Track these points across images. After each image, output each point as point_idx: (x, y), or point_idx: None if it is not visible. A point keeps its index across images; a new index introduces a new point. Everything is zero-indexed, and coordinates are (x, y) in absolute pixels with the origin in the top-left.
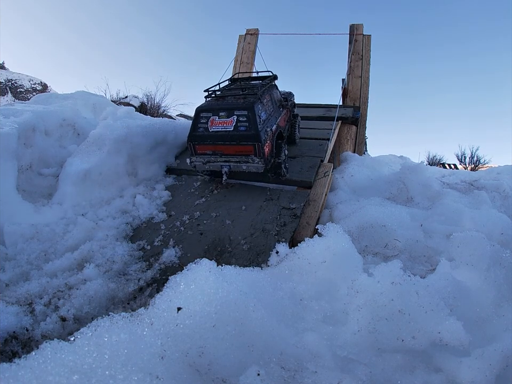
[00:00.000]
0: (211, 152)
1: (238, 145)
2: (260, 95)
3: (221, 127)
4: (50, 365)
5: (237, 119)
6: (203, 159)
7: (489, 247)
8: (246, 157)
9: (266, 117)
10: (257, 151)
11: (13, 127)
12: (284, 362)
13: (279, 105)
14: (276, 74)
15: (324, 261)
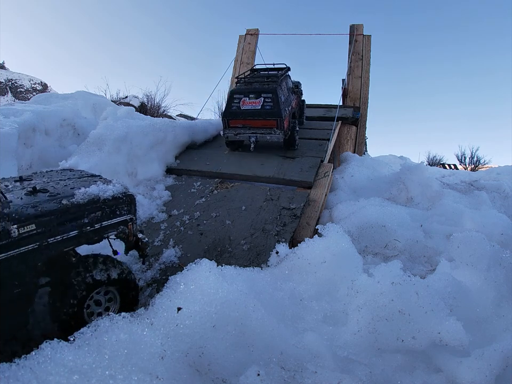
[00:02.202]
0: (241, 126)
1: (264, 120)
2: (279, 82)
3: (250, 106)
4: (50, 365)
5: (264, 100)
6: (234, 131)
7: (489, 248)
8: (269, 129)
9: (284, 99)
10: (278, 124)
11: (13, 126)
12: (283, 362)
13: (292, 91)
14: (289, 66)
15: (323, 261)
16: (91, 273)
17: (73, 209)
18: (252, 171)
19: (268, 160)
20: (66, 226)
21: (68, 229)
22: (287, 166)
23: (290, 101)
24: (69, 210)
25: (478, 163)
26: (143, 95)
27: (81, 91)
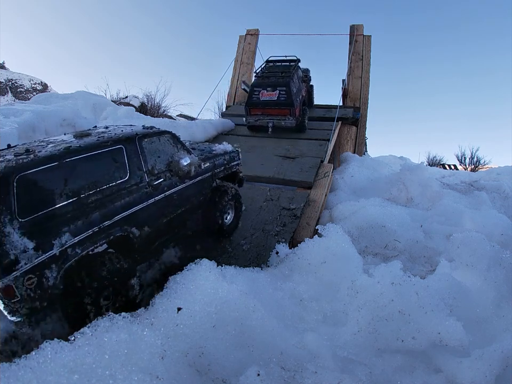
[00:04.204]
0: (260, 113)
1: (280, 109)
2: (291, 76)
3: (268, 97)
4: (50, 364)
5: (279, 92)
6: (255, 118)
7: (489, 248)
8: (284, 116)
9: (296, 90)
10: (291, 112)
11: (13, 126)
12: (284, 362)
13: (302, 81)
14: (299, 58)
15: (323, 262)
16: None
17: (217, 156)
18: (252, 171)
19: (268, 160)
20: (217, 165)
21: (219, 165)
22: (287, 166)
23: (301, 90)
24: (215, 155)
25: (478, 163)
26: (143, 95)
27: (81, 91)
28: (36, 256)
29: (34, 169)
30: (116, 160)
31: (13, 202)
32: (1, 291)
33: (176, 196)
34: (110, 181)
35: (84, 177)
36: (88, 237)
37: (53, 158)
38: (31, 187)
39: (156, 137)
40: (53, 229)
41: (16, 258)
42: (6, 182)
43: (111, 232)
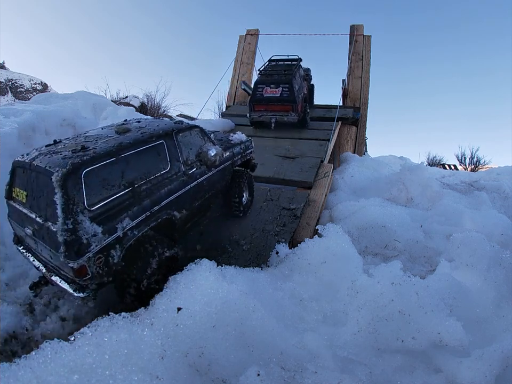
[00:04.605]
0: (264, 109)
1: (282, 105)
2: (294, 73)
3: (271, 94)
4: (50, 364)
5: (282, 89)
6: (258, 114)
7: (489, 248)
8: (286, 112)
9: (298, 87)
10: (294, 108)
11: (13, 126)
12: (284, 362)
13: (303, 79)
14: (301, 58)
15: (323, 262)
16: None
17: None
18: None
19: (268, 160)
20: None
21: (237, 153)
22: (287, 166)
23: (303, 88)
24: (234, 145)
25: (478, 163)
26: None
27: (81, 91)
28: (104, 238)
29: (97, 165)
30: (159, 153)
31: (82, 194)
32: (75, 271)
33: (205, 183)
34: (156, 172)
35: (136, 169)
36: (142, 220)
37: (110, 154)
38: (95, 180)
39: (188, 132)
40: (116, 215)
41: (88, 242)
42: (76, 177)
43: (159, 215)
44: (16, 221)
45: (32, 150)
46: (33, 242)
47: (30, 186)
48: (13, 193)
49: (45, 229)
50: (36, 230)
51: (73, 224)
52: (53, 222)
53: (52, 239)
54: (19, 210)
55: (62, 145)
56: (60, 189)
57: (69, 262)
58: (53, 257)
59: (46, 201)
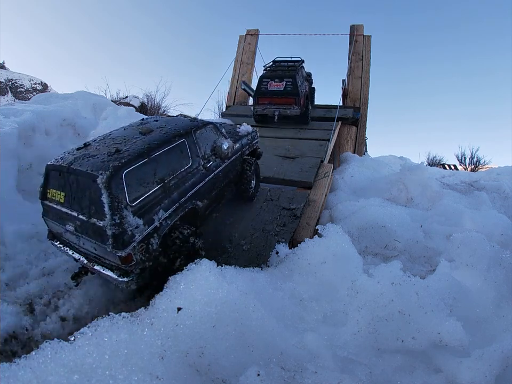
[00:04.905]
0: (268, 103)
1: (286, 98)
2: (297, 70)
3: (276, 87)
4: (50, 364)
5: (286, 83)
6: (262, 107)
7: (489, 248)
8: (289, 105)
9: (301, 83)
10: (296, 101)
11: (13, 126)
12: (284, 362)
13: (305, 79)
14: (303, 59)
15: (323, 262)
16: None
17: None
18: None
19: (268, 160)
20: (244, 145)
21: (245, 145)
22: (287, 166)
23: (305, 86)
24: (242, 137)
25: (478, 163)
26: (143, 95)
27: (81, 91)
28: (144, 229)
29: (133, 166)
30: (182, 151)
31: (124, 192)
32: (123, 259)
33: (221, 174)
34: (180, 168)
35: (164, 167)
36: (173, 211)
37: (143, 155)
38: (133, 179)
39: (204, 129)
40: (152, 208)
41: (132, 233)
42: (118, 178)
43: (186, 206)
44: (53, 219)
45: (64, 154)
46: (74, 237)
47: (68, 187)
48: (48, 194)
49: (90, 225)
50: (79, 226)
51: (119, 219)
52: (98, 218)
53: (97, 233)
54: (56, 210)
55: (93, 148)
56: (106, 189)
57: (117, 252)
58: (97, 248)
59: (89, 201)
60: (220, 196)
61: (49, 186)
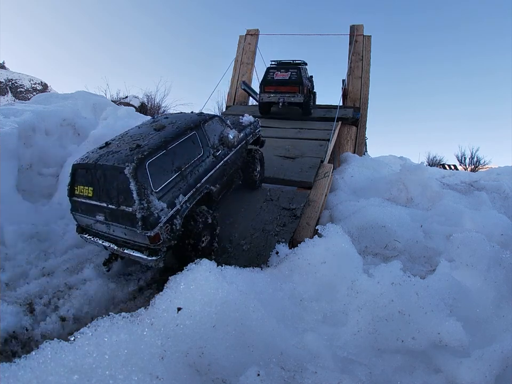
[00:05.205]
0: (273, 91)
1: (290, 86)
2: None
3: (281, 77)
4: (50, 364)
5: (291, 73)
6: (268, 95)
7: (489, 248)
8: (293, 93)
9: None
10: (300, 90)
11: (13, 126)
12: (283, 362)
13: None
14: (306, 62)
15: (323, 262)
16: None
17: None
18: None
19: (268, 160)
20: (247, 134)
21: (249, 134)
22: (287, 166)
23: (308, 84)
24: (245, 126)
25: (478, 163)
26: (143, 95)
27: (81, 91)
28: (168, 212)
29: (154, 157)
30: (194, 142)
31: (149, 180)
32: (152, 238)
33: (229, 161)
34: (194, 157)
35: (180, 157)
36: (191, 195)
37: (161, 148)
38: (155, 169)
39: (211, 121)
40: (173, 193)
41: (158, 215)
42: (143, 168)
43: (201, 190)
44: (82, 213)
45: (88, 153)
46: (104, 227)
47: (96, 182)
48: (75, 191)
49: (120, 212)
50: (108, 215)
51: (146, 204)
52: (127, 205)
53: (127, 219)
54: (86, 204)
55: (115, 145)
56: (133, 179)
57: (146, 232)
58: (127, 233)
59: (117, 191)
60: (229, 182)
61: (77, 184)
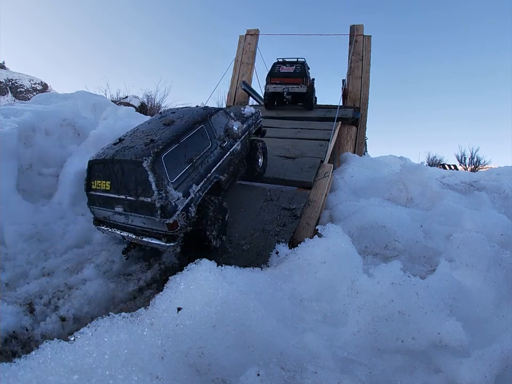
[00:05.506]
0: (279, 82)
1: (294, 78)
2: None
3: (286, 70)
4: (50, 364)
5: (295, 67)
6: (274, 86)
7: (489, 248)
8: (297, 84)
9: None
10: (303, 81)
11: (13, 126)
12: (283, 362)
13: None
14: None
15: (323, 262)
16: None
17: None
18: None
19: (268, 160)
20: (250, 125)
21: (251, 124)
22: (287, 166)
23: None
24: (247, 118)
25: (478, 163)
26: (143, 95)
27: (81, 91)
28: (184, 200)
29: (169, 150)
30: (202, 135)
31: (165, 172)
32: (170, 225)
33: (234, 152)
34: (203, 148)
35: (191, 149)
36: (203, 184)
37: (174, 141)
38: (170, 161)
39: (216, 114)
40: (187, 183)
41: (175, 204)
42: (159, 161)
43: (212, 180)
44: (100, 205)
45: (103, 149)
46: (122, 217)
47: (114, 176)
48: (92, 185)
49: (139, 202)
50: (127, 206)
51: (164, 193)
52: (146, 196)
53: (146, 208)
54: (103, 197)
55: (128, 141)
56: (151, 171)
57: (165, 220)
58: (145, 222)
59: (135, 183)
60: (235, 171)
61: (94, 179)
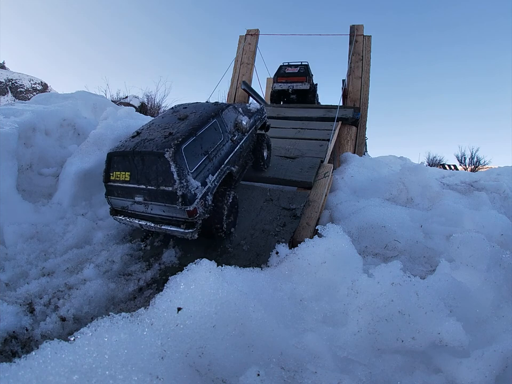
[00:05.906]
0: (284, 81)
1: (299, 76)
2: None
3: (291, 70)
4: (50, 364)
5: (300, 68)
6: (280, 84)
7: (489, 248)
8: (301, 82)
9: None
10: (307, 79)
11: (13, 126)
12: (283, 362)
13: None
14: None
15: (323, 262)
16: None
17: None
18: (251, 171)
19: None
20: (256, 119)
21: (257, 119)
22: (287, 166)
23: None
24: (253, 113)
25: (478, 164)
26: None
27: (81, 91)
28: (202, 189)
29: (188, 142)
30: (215, 128)
31: (185, 163)
32: (190, 212)
33: (243, 145)
34: (217, 141)
35: (206, 142)
36: (218, 175)
37: (192, 134)
38: (189, 152)
39: (227, 109)
40: (204, 173)
41: (195, 193)
42: (180, 152)
43: (225, 171)
44: (119, 196)
45: (123, 142)
46: (141, 207)
47: (134, 167)
48: (111, 176)
49: (160, 191)
50: (147, 195)
51: (185, 182)
52: (167, 185)
53: (167, 197)
54: (122, 187)
55: (146, 134)
56: (173, 162)
57: (186, 207)
58: (165, 210)
59: (156, 173)
60: (244, 163)
61: (112, 170)
